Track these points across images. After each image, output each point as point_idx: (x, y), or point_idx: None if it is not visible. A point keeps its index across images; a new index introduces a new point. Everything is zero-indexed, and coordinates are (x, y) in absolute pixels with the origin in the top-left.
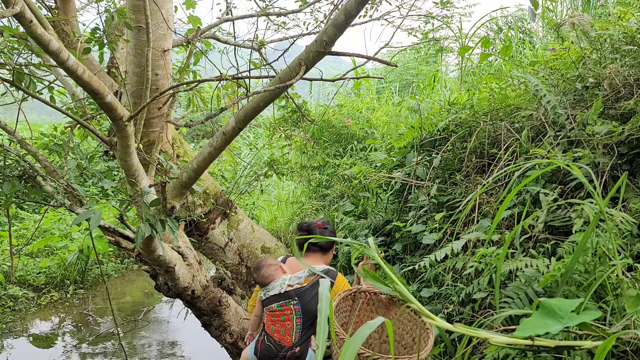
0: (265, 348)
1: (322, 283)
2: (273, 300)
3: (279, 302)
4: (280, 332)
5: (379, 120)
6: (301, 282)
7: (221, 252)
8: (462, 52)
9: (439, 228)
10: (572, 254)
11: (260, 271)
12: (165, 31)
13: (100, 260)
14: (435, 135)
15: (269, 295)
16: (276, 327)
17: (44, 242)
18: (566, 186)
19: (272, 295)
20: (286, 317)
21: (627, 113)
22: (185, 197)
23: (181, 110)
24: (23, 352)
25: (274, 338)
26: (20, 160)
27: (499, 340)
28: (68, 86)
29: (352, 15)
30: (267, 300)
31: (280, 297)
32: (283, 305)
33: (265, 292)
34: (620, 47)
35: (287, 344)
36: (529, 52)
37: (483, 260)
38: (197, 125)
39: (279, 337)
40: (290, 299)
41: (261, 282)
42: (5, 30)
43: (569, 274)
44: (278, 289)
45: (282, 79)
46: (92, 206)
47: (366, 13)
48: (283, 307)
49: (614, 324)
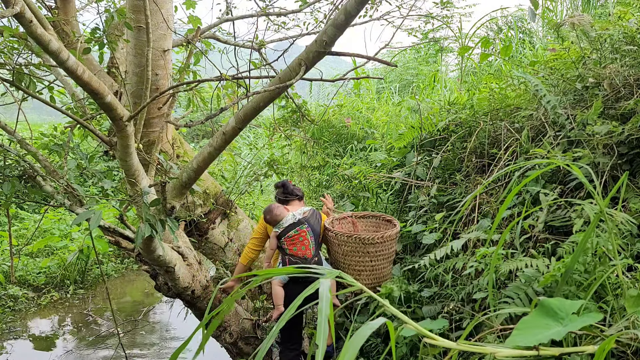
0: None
1: (322, 283)
2: (290, 229)
3: (295, 228)
4: (302, 249)
5: (379, 120)
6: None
7: (221, 252)
8: (462, 52)
9: (438, 228)
10: (572, 254)
11: (273, 212)
12: (165, 31)
13: (100, 260)
14: (435, 135)
15: (285, 226)
16: (297, 247)
17: (44, 242)
18: (566, 186)
19: (287, 225)
20: (303, 237)
21: (627, 113)
22: (185, 197)
23: (181, 110)
24: (23, 353)
25: (298, 255)
26: (20, 160)
27: (505, 354)
28: (68, 86)
29: (352, 15)
30: (284, 231)
31: (295, 224)
32: (298, 230)
33: (280, 227)
34: (620, 47)
35: (309, 255)
36: (529, 52)
37: (483, 261)
38: (197, 125)
39: (302, 253)
40: (302, 224)
41: (275, 220)
42: (5, 30)
43: (569, 274)
44: (291, 220)
45: (282, 79)
46: (92, 206)
47: (366, 13)
48: (299, 231)
49: (613, 324)
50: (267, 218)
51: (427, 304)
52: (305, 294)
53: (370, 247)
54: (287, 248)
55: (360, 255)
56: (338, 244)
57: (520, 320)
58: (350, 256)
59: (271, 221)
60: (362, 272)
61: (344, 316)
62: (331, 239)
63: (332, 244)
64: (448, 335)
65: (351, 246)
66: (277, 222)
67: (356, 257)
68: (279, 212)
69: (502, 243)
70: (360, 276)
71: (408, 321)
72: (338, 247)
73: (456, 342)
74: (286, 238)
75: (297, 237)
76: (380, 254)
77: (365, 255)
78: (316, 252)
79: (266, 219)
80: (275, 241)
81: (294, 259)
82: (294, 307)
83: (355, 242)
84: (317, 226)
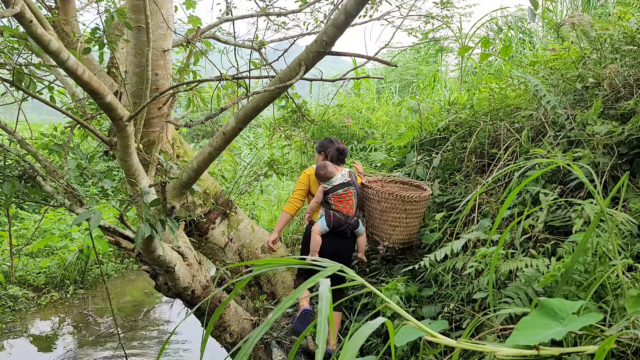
0: (337, 219)
1: (322, 283)
2: (338, 187)
3: (344, 187)
4: (347, 207)
5: (379, 120)
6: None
7: (221, 252)
8: (462, 52)
9: (439, 228)
10: (572, 254)
11: (328, 169)
12: (165, 31)
13: (100, 260)
14: (435, 135)
15: (335, 184)
16: (343, 204)
17: (44, 242)
18: (566, 186)
19: (337, 184)
20: (349, 197)
21: (627, 113)
22: (185, 197)
23: (181, 110)
24: (23, 353)
25: (342, 212)
26: (20, 160)
27: (506, 353)
28: (68, 86)
29: (352, 15)
30: (332, 188)
31: (344, 184)
32: (347, 190)
33: (330, 183)
34: (620, 47)
35: (351, 214)
36: (529, 52)
37: (483, 261)
38: (197, 125)
39: (346, 210)
40: (350, 185)
41: (327, 176)
42: (5, 30)
43: (569, 274)
44: (340, 179)
45: (282, 79)
46: (92, 206)
47: (366, 13)
48: (347, 191)
49: (613, 324)
50: (320, 173)
51: (427, 304)
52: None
53: (408, 205)
54: (334, 204)
55: (398, 212)
56: (378, 200)
57: (520, 320)
58: (388, 212)
59: (322, 177)
60: (397, 227)
61: (344, 316)
62: (370, 196)
63: (371, 200)
64: (449, 335)
65: (391, 203)
66: (328, 179)
67: (393, 214)
68: (331, 170)
69: (502, 243)
70: (394, 231)
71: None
72: (377, 203)
73: (456, 340)
74: (334, 195)
75: (344, 196)
76: (415, 213)
77: (402, 212)
78: (356, 212)
79: (319, 174)
80: (322, 196)
81: (338, 215)
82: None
83: (395, 199)
84: (359, 188)
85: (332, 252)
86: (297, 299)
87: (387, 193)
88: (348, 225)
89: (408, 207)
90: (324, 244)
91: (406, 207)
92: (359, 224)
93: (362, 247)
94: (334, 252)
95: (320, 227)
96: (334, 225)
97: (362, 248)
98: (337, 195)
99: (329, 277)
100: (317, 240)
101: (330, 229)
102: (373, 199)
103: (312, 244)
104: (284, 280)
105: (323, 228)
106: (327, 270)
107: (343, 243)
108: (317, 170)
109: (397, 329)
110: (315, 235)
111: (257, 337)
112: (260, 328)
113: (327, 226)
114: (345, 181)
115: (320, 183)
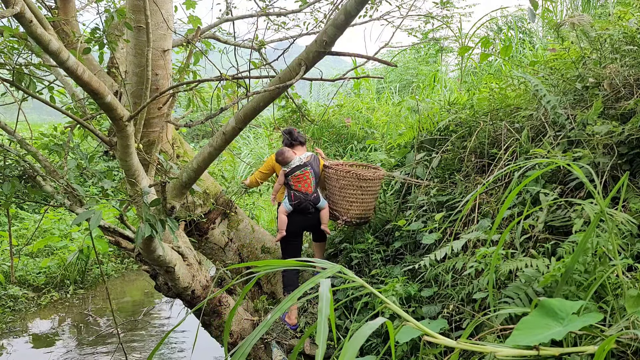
0: (297, 198)
1: (322, 283)
2: (296, 169)
3: (300, 169)
4: (305, 186)
5: (379, 120)
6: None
7: (221, 252)
8: (462, 52)
9: (438, 228)
10: (572, 254)
11: (284, 154)
12: (165, 31)
13: (100, 260)
14: (435, 135)
15: (292, 167)
16: (302, 184)
17: (44, 242)
18: (566, 186)
19: (294, 166)
20: (306, 177)
21: (627, 113)
22: (185, 197)
23: (181, 110)
24: (23, 353)
25: (301, 191)
26: (20, 160)
27: (506, 353)
28: (68, 86)
29: (352, 15)
30: (291, 170)
31: (300, 166)
32: (303, 171)
33: (288, 167)
34: (620, 47)
35: (310, 192)
36: (529, 52)
37: (483, 261)
38: (197, 125)
39: (304, 189)
40: (306, 166)
41: (285, 161)
42: (5, 30)
43: (569, 274)
44: (297, 162)
45: (282, 79)
46: (92, 206)
47: (366, 13)
48: (303, 172)
49: (613, 324)
50: (279, 159)
51: (427, 304)
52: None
53: (363, 182)
54: (293, 185)
55: (354, 188)
56: (336, 178)
57: (520, 320)
58: (345, 189)
59: (282, 162)
60: (354, 203)
61: (344, 316)
62: (330, 175)
63: (330, 179)
64: (449, 335)
65: (347, 181)
66: (286, 163)
67: (350, 190)
68: (288, 155)
69: (502, 243)
70: (352, 207)
71: (409, 319)
72: (336, 181)
73: (456, 341)
74: (292, 177)
75: (301, 177)
76: (370, 190)
77: (358, 189)
78: (315, 190)
79: (278, 159)
80: (283, 178)
81: (298, 194)
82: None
83: (351, 177)
84: (317, 168)
85: (302, 227)
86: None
87: (344, 172)
88: (308, 202)
89: (363, 185)
90: (293, 221)
91: (361, 184)
92: (319, 199)
93: (325, 220)
94: (302, 227)
95: (284, 207)
96: (296, 204)
97: (325, 220)
98: (295, 176)
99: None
100: (283, 219)
101: (293, 208)
102: (332, 177)
103: (279, 222)
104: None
105: (287, 207)
106: (327, 271)
107: (309, 218)
108: (276, 157)
109: (397, 329)
110: (281, 214)
111: (256, 337)
112: (259, 328)
113: (290, 205)
114: (302, 163)
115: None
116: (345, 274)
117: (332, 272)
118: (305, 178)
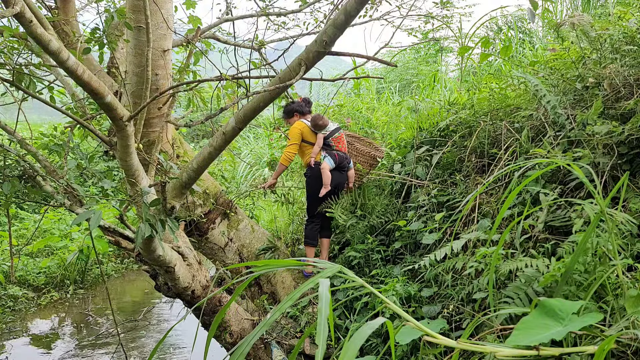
0: (340, 157)
1: (322, 283)
2: (334, 132)
3: (338, 132)
4: (342, 147)
5: (379, 120)
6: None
7: (221, 252)
8: (462, 52)
9: (438, 228)
10: (572, 254)
11: (324, 119)
12: (165, 31)
13: (100, 260)
14: (435, 135)
15: (331, 130)
16: (341, 145)
17: (44, 242)
18: (566, 186)
19: (332, 129)
20: (341, 139)
21: (627, 113)
22: (185, 197)
23: (181, 110)
24: (23, 353)
25: (342, 151)
26: (20, 160)
27: (506, 353)
28: (68, 86)
29: (352, 16)
30: (330, 133)
31: (336, 130)
32: (340, 133)
33: (327, 130)
34: (620, 47)
35: (346, 151)
36: (529, 52)
37: (483, 261)
38: (197, 125)
39: (343, 150)
40: (340, 129)
41: (324, 125)
42: (5, 30)
43: (569, 274)
44: (333, 126)
45: (282, 79)
46: (92, 206)
47: (366, 13)
48: (340, 134)
49: (613, 324)
50: (320, 123)
51: (427, 304)
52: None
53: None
54: (334, 145)
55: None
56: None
57: (520, 320)
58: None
59: (322, 126)
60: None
61: (344, 316)
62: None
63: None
64: (448, 335)
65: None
66: (324, 127)
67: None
68: (325, 120)
69: (502, 243)
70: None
71: (409, 319)
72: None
73: (456, 341)
74: (333, 138)
75: (339, 138)
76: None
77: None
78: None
79: (318, 124)
80: (322, 141)
81: (340, 153)
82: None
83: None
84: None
85: (336, 184)
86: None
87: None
88: (346, 160)
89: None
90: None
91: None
92: (350, 160)
93: (352, 179)
94: (336, 184)
95: (328, 164)
96: (339, 162)
97: (352, 180)
98: (335, 138)
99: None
100: (328, 175)
101: (336, 165)
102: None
103: (325, 177)
104: (284, 280)
105: (331, 164)
106: (327, 271)
107: (343, 175)
108: (316, 122)
109: (397, 330)
110: (326, 171)
111: (255, 336)
112: (258, 328)
113: (334, 163)
114: (336, 127)
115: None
116: (345, 274)
117: (332, 272)
118: (342, 140)
